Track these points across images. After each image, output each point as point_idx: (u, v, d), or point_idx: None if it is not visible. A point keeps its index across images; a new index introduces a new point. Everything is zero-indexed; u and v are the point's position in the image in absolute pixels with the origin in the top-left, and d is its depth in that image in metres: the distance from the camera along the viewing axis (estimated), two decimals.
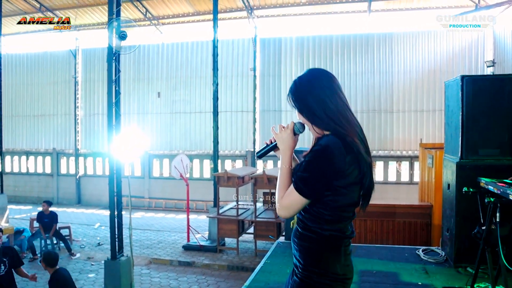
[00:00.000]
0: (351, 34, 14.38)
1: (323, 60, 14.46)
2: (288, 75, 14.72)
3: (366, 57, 14.26)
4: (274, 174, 9.50)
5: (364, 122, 14.27)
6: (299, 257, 1.81)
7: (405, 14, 13.62)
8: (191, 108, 15.41)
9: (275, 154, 1.90)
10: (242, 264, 9.04)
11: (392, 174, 14.54)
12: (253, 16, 14.12)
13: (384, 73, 14.22)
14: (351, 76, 14.39)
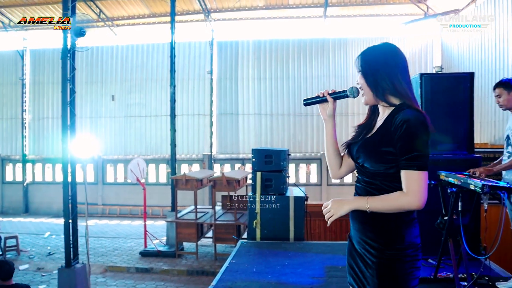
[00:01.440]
0: (307, 38, 14.63)
1: (280, 64, 14.61)
2: (245, 79, 14.75)
3: (322, 61, 14.54)
4: (233, 176, 9.46)
5: (320, 125, 14.54)
6: (377, 236, 1.66)
7: (359, 20, 14.03)
8: (146, 112, 15.06)
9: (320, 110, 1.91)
10: (202, 268, 8.89)
11: (348, 176, 14.73)
12: (210, 19, 14.05)
13: (339, 77, 14.55)
14: (307, 79, 14.62)
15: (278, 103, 14.70)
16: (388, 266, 1.63)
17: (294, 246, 5.52)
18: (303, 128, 14.70)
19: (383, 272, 1.64)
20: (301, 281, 4.13)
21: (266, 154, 6.29)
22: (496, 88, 3.77)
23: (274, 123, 14.72)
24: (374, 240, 1.66)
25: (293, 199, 6.04)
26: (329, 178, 14.82)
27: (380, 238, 1.65)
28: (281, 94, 14.69)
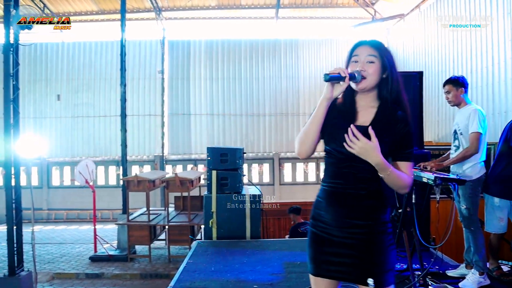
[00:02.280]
0: (260, 39, 14.72)
1: (232, 64, 14.60)
2: (197, 78, 14.61)
3: (273, 62, 14.69)
4: (187, 177, 9.32)
5: (272, 125, 14.68)
6: (380, 215, 1.81)
7: (310, 22, 14.30)
8: (94, 112, 14.52)
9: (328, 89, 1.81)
10: (156, 271, 8.69)
11: (300, 175, 15.08)
12: (162, 17, 13.80)
13: (291, 78, 14.75)
14: (259, 80, 14.71)
15: (230, 103, 14.68)
16: (379, 239, 1.78)
17: (252, 244, 5.52)
18: (256, 128, 14.77)
19: (375, 246, 1.78)
20: (260, 278, 4.13)
21: (222, 153, 6.25)
22: (446, 85, 3.94)
23: (227, 123, 14.69)
24: (367, 219, 1.78)
25: (249, 197, 6.04)
26: (281, 178, 15.00)
27: (371, 216, 1.78)
28: (234, 94, 14.68)
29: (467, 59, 9.00)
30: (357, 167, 1.77)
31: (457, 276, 4.05)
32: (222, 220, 5.92)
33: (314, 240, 1.87)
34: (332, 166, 1.84)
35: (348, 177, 1.79)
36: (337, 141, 1.78)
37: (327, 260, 1.82)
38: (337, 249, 1.79)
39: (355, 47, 1.86)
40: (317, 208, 1.87)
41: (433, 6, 10.64)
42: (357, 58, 1.82)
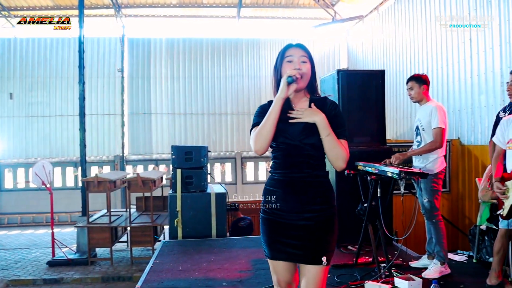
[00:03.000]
0: (221, 38, 14.65)
1: (194, 63, 14.46)
2: (157, 77, 14.36)
3: (235, 61, 14.67)
4: (149, 176, 9.14)
5: (234, 124, 14.67)
6: (330, 199, 2.06)
7: (272, 22, 14.37)
8: (50, 111, 13.95)
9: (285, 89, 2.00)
10: (118, 274, 8.46)
11: (262, 174, 15.14)
12: (121, 14, 13.46)
13: (253, 77, 14.79)
14: (221, 79, 14.65)
15: (192, 102, 14.54)
16: (332, 222, 2.04)
17: (218, 242, 5.51)
18: (218, 127, 14.71)
19: (329, 228, 2.02)
20: (229, 275, 4.12)
21: (186, 151, 6.21)
22: (409, 82, 4.07)
23: (188, 122, 14.53)
24: (321, 203, 2.02)
25: (215, 195, 6.03)
26: (244, 177, 15.01)
27: (327, 200, 2.04)
28: (195, 93, 14.54)
29: (423, 59, 9.34)
30: (306, 155, 2.01)
31: (420, 267, 4.21)
32: (188, 219, 5.88)
33: (270, 227, 2.05)
34: (284, 158, 2.04)
35: (301, 166, 2.02)
36: (287, 134, 2.01)
37: (285, 244, 2.01)
38: (295, 233, 1.99)
39: (287, 48, 2.13)
40: (270, 198, 2.06)
41: (391, 8, 10.97)
42: (292, 58, 2.08)
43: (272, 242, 2.04)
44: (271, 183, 2.10)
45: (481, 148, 7.29)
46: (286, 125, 2.00)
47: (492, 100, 7.12)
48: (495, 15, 6.96)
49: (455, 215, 7.70)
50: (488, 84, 7.20)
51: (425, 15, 9.20)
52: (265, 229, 2.07)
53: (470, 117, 7.72)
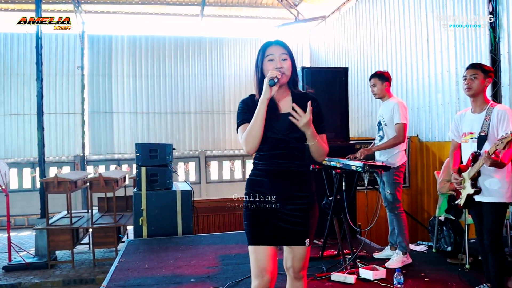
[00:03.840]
0: (184, 36, 14.51)
1: (156, 61, 14.25)
2: (119, 75, 14.05)
3: (199, 60, 14.58)
4: (112, 176, 8.94)
5: (198, 123, 14.57)
6: (312, 187, 2.23)
7: (235, 21, 14.38)
8: (5, 110, 13.34)
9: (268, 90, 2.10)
10: (80, 276, 8.22)
11: (226, 173, 15.13)
12: (81, 10, 13.06)
13: (216, 76, 14.74)
14: (184, 78, 14.52)
15: (155, 101, 14.33)
16: (314, 207, 2.23)
17: (185, 239, 5.48)
18: (181, 126, 14.57)
19: (312, 212, 2.20)
20: (197, 271, 4.11)
21: (151, 149, 6.14)
22: (372, 79, 4.20)
23: (151, 121, 14.31)
24: (306, 191, 2.19)
25: (180, 193, 5.99)
26: (207, 176, 14.94)
27: (309, 188, 2.22)
28: (158, 92, 14.34)
29: (383, 59, 9.62)
30: (292, 147, 2.16)
31: (383, 258, 4.35)
32: (153, 217, 5.81)
33: (257, 214, 2.16)
34: (270, 150, 2.17)
35: (288, 157, 2.16)
36: (274, 129, 2.14)
37: (268, 229, 2.14)
38: (284, 217, 2.14)
39: (267, 46, 2.21)
40: (257, 187, 2.18)
41: (352, 9, 11.23)
42: (273, 56, 2.16)
43: (259, 228, 2.14)
44: (256, 173, 2.21)
45: (438, 145, 7.61)
46: (273, 121, 2.13)
47: (448, 99, 7.43)
48: (450, 16, 7.27)
49: (414, 208, 7.98)
50: (444, 83, 7.51)
51: (385, 16, 9.48)
52: (252, 216, 2.17)
53: (428, 115, 8.02)
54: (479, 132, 3.04)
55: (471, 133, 3.11)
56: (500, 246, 3.05)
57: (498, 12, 6.14)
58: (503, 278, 3.09)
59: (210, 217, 9.16)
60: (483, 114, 3.06)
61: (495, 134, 2.96)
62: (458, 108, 7.10)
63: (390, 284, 3.58)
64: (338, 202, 3.98)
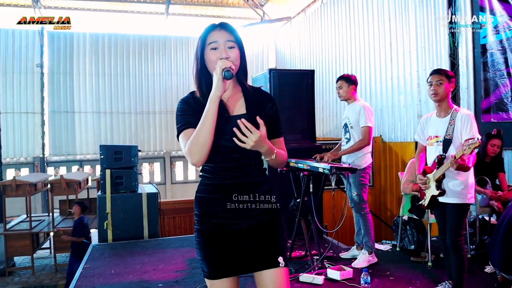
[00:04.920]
0: (149, 35, 14.26)
1: (120, 60, 13.95)
2: (81, 74, 13.65)
3: (164, 59, 14.37)
4: (74, 178, 8.70)
5: (163, 123, 14.38)
6: (274, 197, 1.83)
7: (201, 20, 14.24)
8: None
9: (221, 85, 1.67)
10: (41, 283, 7.96)
11: (191, 173, 15.00)
12: (40, 5, 12.60)
13: (181, 75, 14.58)
14: (148, 77, 14.27)
15: (118, 100, 14.01)
16: (277, 218, 1.81)
17: (151, 243, 5.38)
18: (146, 126, 14.32)
19: (279, 226, 1.81)
20: (164, 276, 4.05)
21: (116, 151, 5.99)
22: (339, 81, 4.27)
23: (115, 121, 14.00)
24: (268, 202, 1.80)
25: (146, 195, 5.89)
26: (173, 176, 14.76)
27: (269, 200, 1.80)
28: (122, 91, 14.04)
29: (348, 61, 9.80)
30: (247, 157, 1.76)
31: (350, 257, 4.43)
32: (118, 221, 5.68)
33: (211, 240, 1.75)
34: (223, 161, 1.76)
35: (243, 168, 1.77)
36: (227, 135, 1.71)
37: (232, 255, 1.74)
38: (241, 239, 1.74)
39: (208, 31, 1.79)
40: (209, 206, 1.76)
41: (317, 11, 11.38)
42: (216, 44, 1.74)
43: (215, 257, 1.73)
44: (206, 189, 1.79)
45: (401, 145, 7.83)
46: (223, 125, 1.71)
47: (410, 100, 7.65)
48: (412, 21, 7.50)
49: (378, 207, 8.18)
50: (407, 85, 7.73)
51: (350, 19, 9.66)
52: (205, 243, 1.76)
53: (390, 116, 8.24)
54: (444, 136, 3.14)
55: (436, 137, 3.22)
56: (462, 245, 3.17)
57: (456, 17, 6.38)
58: (463, 275, 3.21)
59: (176, 218, 9.06)
60: (448, 118, 3.17)
61: (459, 138, 3.07)
62: (420, 109, 7.34)
63: (357, 284, 3.65)
64: (305, 204, 4.02)
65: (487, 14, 5.79)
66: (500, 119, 5.68)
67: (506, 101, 5.58)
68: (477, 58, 6.06)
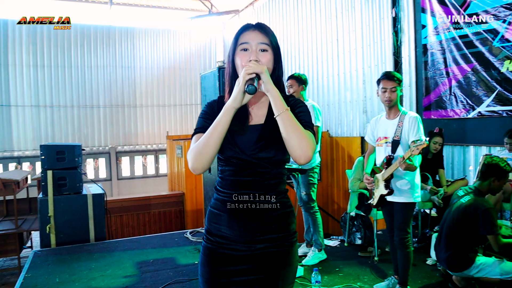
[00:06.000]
0: (92, 25, 13.63)
1: (61, 50, 13.25)
2: (17, 65, 12.82)
3: (108, 50, 13.83)
4: (11, 178, 8.19)
5: (107, 117, 13.89)
6: (289, 226, 1.62)
7: (147, 11, 13.84)
8: None
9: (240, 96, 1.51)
10: None
11: (138, 169, 14.64)
12: None
13: (127, 67, 14.11)
14: (92, 69, 13.69)
15: (59, 93, 13.34)
16: (290, 250, 1.61)
17: (98, 246, 5.19)
18: (90, 120, 13.75)
19: (288, 259, 1.61)
20: (113, 282, 3.93)
21: (58, 151, 5.70)
22: (290, 79, 4.30)
23: (56, 115, 13.32)
24: (279, 231, 1.59)
25: (91, 196, 5.67)
26: (119, 172, 14.33)
27: (282, 227, 1.60)
28: (63, 83, 13.37)
29: (296, 56, 9.90)
30: (261, 173, 1.56)
31: (300, 255, 4.50)
32: (62, 224, 5.44)
33: (211, 259, 1.61)
34: (232, 176, 1.59)
35: (254, 186, 1.56)
36: (236, 147, 1.57)
37: (228, 281, 1.59)
38: (244, 266, 1.57)
39: (242, 31, 1.63)
40: (214, 223, 1.62)
41: (265, 5, 11.38)
42: (247, 45, 1.59)
43: (214, 279, 1.60)
44: (215, 203, 1.65)
45: (347, 140, 8.04)
46: (236, 135, 1.58)
47: (356, 96, 7.86)
48: (358, 20, 7.68)
49: (325, 201, 8.38)
50: (352, 82, 7.94)
51: (298, 15, 9.74)
52: (206, 261, 1.62)
53: (337, 111, 8.43)
54: (393, 137, 3.25)
55: (386, 138, 3.32)
56: (409, 242, 3.31)
57: (400, 17, 6.60)
58: (409, 270, 3.36)
59: (123, 217, 8.85)
60: (397, 120, 3.28)
61: (407, 139, 3.19)
62: (365, 105, 7.56)
63: (308, 281, 3.72)
64: None
65: (428, 15, 6.04)
66: (440, 116, 5.97)
67: (445, 99, 5.87)
68: (419, 57, 6.32)
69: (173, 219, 9.18)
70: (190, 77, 14.63)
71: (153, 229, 8.80)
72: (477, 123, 5.48)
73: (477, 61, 5.36)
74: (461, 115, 5.64)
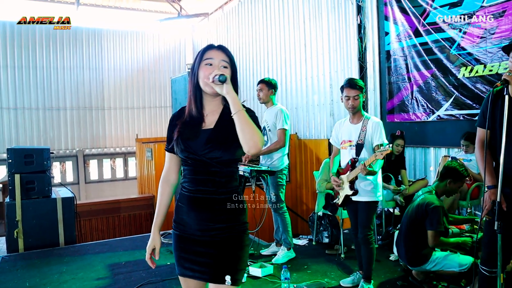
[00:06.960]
0: None
1: (25, 51, 12.93)
2: None
3: (75, 52, 13.60)
4: None
5: (74, 120, 13.67)
6: (239, 216, 1.90)
7: (115, 12, 13.69)
8: None
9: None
10: None
11: (107, 172, 14.47)
12: None
13: (94, 69, 13.93)
14: (58, 70, 13.43)
15: (24, 95, 13.01)
16: (239, 238, 1.89)
17: (68, 250, 5.18)
18: (56, 123, 13.47)
19: (236, 243, 1.87)
20: (85, 284, 3.96)
21: (26, 154, 5.65)
22: (260, 84, 4.44)
23: (20, 118, 12.99)
24: (229, 221, 1.86)
25: (61, 200, 5.64)
26: (87, 176, 14.13)
27: (232, 218, 1.87)
28: (27, 85, 13.06)
29: (264, 60, 10.08)
30: (215, 172, 1.85)
31: (269, 254, 4.65)
32: (30, 228, 5.39)
33: (178, 242, 1.93)
34: (190, 173, 1.88)
35: (207, 183, 1.85)
36: (190, 149, 1.84)
37: (191, 260, 1.89)
38: (200, 248, 1.86)
39: (207, 49, 1.91)
40: (178, 213, 1.93)
41: (235, 9, 11.51)
42: (211, 61, 1.87)
43: (179, 258, 1.92)
44: (180, 197, 1.95)
45: (315, 142, 8.26)
46: (188, 141, 1.85)
47: (323, 99, 8.09)
48: (325, 25, 7.91)
49: (294, 201, 8.57)
50: (320, 85, 8.16)
51: (266, 19, 9.91)
52: (174, 244, 1.95)
53: (305, 114, 8.64)
54: (357, 141, 3.44)
55: (350, 141, 3.51)
56: (372, 239, 3.50)
57: (365, 24, 6.87)
58: (372, 265, 3.56)
59: (92, 220, 8.76)
60: (360, 124, 3.47)
61: (371, 143, 3.38)
62: (332, 108, 7.80)
63: (278, 279, 3.86)
64: None
65: (390, 23, 6.32)
66: (402, 119, 6.25)
67: (407, 103, 6.15)
68: (383, 63, 6.59)
69: (143, 222, 9.15)
70: (160, 79, 14.57)
71: (123, 232, 8.75)
72: (436, 126, 5.78)
73: (436, 67, 5.65)
74: (422, 119, 5.93)
